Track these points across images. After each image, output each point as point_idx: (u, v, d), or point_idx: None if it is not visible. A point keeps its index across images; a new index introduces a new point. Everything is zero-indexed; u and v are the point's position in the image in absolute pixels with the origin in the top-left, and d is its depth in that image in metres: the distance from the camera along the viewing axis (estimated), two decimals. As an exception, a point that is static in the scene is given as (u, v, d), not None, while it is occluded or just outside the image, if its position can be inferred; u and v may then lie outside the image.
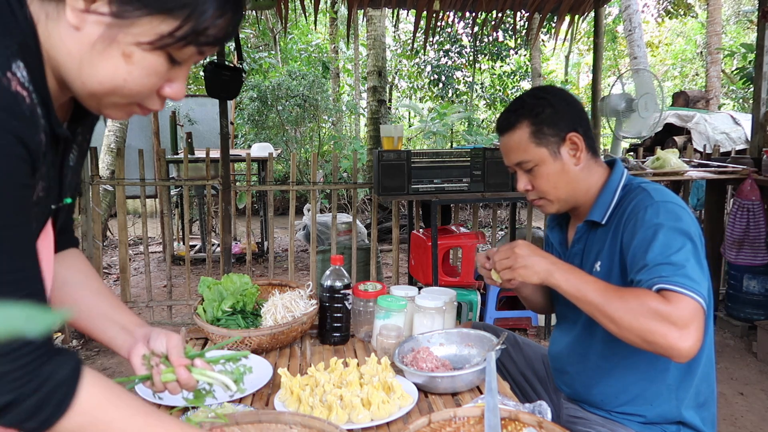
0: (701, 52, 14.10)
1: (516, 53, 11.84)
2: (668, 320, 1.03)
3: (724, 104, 11.45)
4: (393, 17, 5.22)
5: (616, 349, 1.27)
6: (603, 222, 1.29)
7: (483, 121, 12.19)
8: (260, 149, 5.66)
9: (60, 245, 0.97)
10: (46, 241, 0.80)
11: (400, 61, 12.93)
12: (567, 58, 15.50)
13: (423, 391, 1.24)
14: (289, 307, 1.55)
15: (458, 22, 10.37)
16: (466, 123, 10.47)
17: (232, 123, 8.26)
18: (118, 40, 0.65)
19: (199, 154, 5.23)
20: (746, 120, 5.98)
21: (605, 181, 1.32)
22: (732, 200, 3.79)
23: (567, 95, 1.34)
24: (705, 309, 1.05)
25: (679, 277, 1.07)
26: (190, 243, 5.76)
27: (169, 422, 0.76)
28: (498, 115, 1.43)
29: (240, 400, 1.19)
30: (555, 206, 1.34)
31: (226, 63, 3.60)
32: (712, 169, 3.57)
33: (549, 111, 1.28)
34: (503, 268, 1.21)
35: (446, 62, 11.36)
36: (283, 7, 3.94)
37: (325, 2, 4.41)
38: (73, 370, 0.70)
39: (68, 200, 0.82)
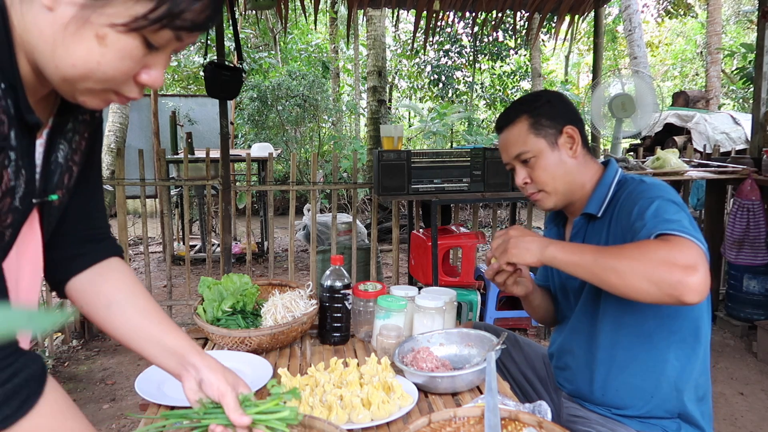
0: (701, 52, 14.10)
1: (516, 53, 11.84)
2: (671, 258, 1.01)
3: (724, 104, 11.45)
4: (393, 17, 5.22)
5: (617, 339, 1.29)
6: (599, 215, 1.32)
7: (483, 121, 12.18)
8: (260, 149, 5.66)
9: (99, 255, 0.94)
10: (30, 237, 0.78)
11: (400, 61, 12.93)
12: (567, 58, 15.51)
13: (423, 391, 1.23)
14: (289, 307, 1.55)
15: (458, 22, 10.37)
16: (466, 123, 10.47)
17: (232, 123, 8.27)
18: (92, 20, 0.63)
19: (199, 154, 5.23)
20: (746, 120, 5.98)
21: (600, 178, 1.37)
22: (732, 200, 3.79)
23: (563, 96, 1.42)
24: (707, 256, 1.04)
25: (676, 225, 1.09)
26: (190, 243, 5.76)
27: None
28: (497, 116, 1.46)
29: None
30: (552, 200, 1.37)
31: (226, 63, 3.60)
32: (712, 169, 3.56)
33: (546, 105, 1.36)
34: (499, 252, 1.23)
35: (446, 62, 11.36)
36: (283, 7, 3.94)
37: (325, 2, 4.41)
38: (42, 369, 0.68)
39: (53, 197, 0.79)
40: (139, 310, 0.93)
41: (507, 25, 9.66)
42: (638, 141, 6.90)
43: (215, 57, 3.63)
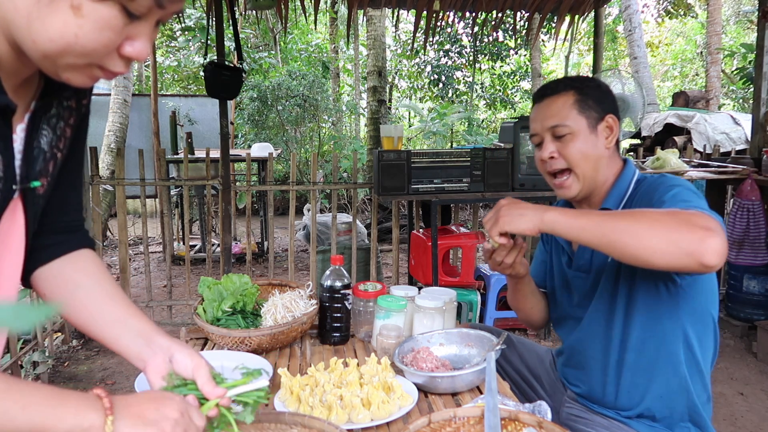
0: (701, 52, 14.10)
1: (516, 53, 11.85)
2: (691, 220, 0.98)
3: (724, 104, 11.45)
4: (393, 17, 5.22)
5: (631, 341, 1.27)
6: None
7: (483, 121, 12.19)
8: (260, 149, 5.66)
9: (71, 245, 0.93)
10: (11, 225, 0.76)
11: (400, 61, 12.93)
12: (567, 58, 15.47)
13: (423, 391, 1.23)
14: (289, 307, 1.55)
15: (458, 22, 10.37)
16: (466, 123, 10.47)
17: (232, 123, 8.27)
18: None
19: (199, 154, 5.23)
20: (746, 120, 5.98)
21: (619, 175, 1.33)
22: (732, 200, 3.79)
23: (610, 87, 1.39)
24: (725, 231, 1.01)
25: (694, 204, 1.08)
26: (190, 243, 5.76)
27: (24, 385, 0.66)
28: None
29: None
30: (578, 185, 1.31)
31: (226, 63, 3.60)
32: (712, 169, 3.56)
33: (596, 89, 1.32)
34: (490, 224, 1.17)
35: (446, 62, 11.37)
36: (283, 7, 3.94)
37: (325, 2, 4.41)
38: None
39: (36, 183, 0.76)
40: (105, 293, 0.91)
41: (507, 25, 9.66)
42: (638, 141, 6.91)
43: (215, 57, 3.63)
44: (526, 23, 4.77)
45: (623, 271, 1.26)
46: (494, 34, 10.28)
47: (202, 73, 4.99)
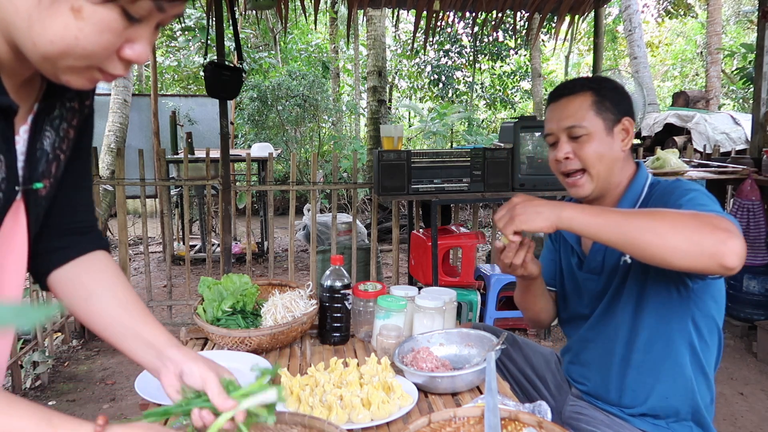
0: (701, 52, 14.11)
1: (516, 53, 11.85)
2: (712, 222, 0.98)
3: (724, 104, 11.46)
4: (393, 17, 5.22)
5: (638, 341, 1.27)
6: None
7: (483, 121, 12.18)
8: (260, 149, 5.66)
9: (84, 248, 0.93)
10: (15, 229, 0.76)
11: (400, 61, 12.93)
12: (567, 58, 15.49)
13: (423, 391, 1.23)
14: (289, 307, 1.55)
15: (458, 22, 10.38)
16: (466, 123, 10.47)
17: (232, 123, 8.27)
18: None
19: (199, 154, 5.23)
20: (746, 120, 5.98)
21: (632, 179, 1.33)
22: (732, 200, 3.79)
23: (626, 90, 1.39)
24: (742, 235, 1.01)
25: (711, 208, 1.09)
26: (190, 243, 5.76)
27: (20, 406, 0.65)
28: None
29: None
30: (591, 186, 1.30)
31: (226, 63, 3.60)
32: (712, 169, 3.57)
33: (613, 91, 1.32)
34: (503, 222, 1.14)
35: (446, 62, 11.37)
36: (283, 7, 3.94)
37: (325, 2, 4.41)
38: None
39: (38, 185, 0.77)
40: (118, 302, 0.91)
41: (507, 25, 9.66)
42: (638, 141, 6.90)
43: (215, 57, 3.63)
44: (526, 23, 4.77)
45: (635, 274, 1.26)
46: (494, 34, 10.29)
47: (202, 73, 4.99)
